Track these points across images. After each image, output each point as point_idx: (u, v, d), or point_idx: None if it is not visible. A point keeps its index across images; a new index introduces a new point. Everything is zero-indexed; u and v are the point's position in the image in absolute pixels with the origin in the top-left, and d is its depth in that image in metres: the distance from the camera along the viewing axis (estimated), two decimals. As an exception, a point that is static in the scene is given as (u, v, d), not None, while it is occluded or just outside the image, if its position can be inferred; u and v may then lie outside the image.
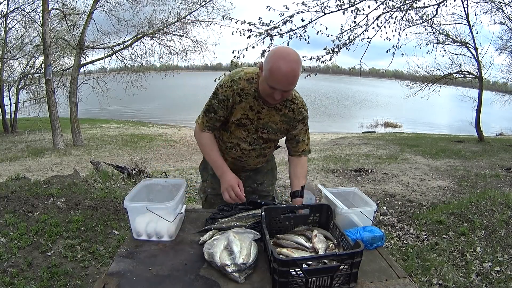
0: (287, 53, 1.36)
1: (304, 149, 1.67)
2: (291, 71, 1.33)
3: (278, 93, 1.39)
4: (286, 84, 1.36)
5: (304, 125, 1.64)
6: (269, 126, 1.58)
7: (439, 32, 9.92)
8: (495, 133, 15.56)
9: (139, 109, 20.80)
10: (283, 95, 1.40)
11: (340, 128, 16.93)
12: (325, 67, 5.64)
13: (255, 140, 1.62)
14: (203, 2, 9.84)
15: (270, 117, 1.56)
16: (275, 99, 1.42)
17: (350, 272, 1.05)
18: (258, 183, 1.80)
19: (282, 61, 1.32)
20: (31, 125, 11.00)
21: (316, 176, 5.72)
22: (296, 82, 1.39)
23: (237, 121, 1.57)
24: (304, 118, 1.61)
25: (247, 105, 1.53)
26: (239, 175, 1.73)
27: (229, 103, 1.52)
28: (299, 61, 1.37)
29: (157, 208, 1.31)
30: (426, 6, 5.77)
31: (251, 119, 1.56)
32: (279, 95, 1.39)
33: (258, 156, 1.70)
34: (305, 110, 1.61)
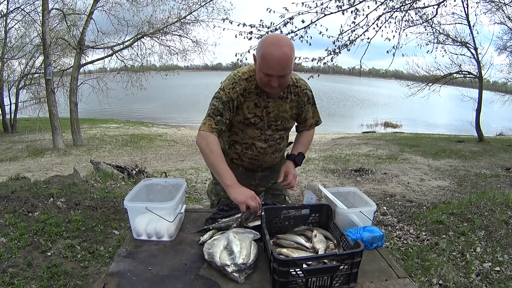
0: (278, 39, 1.39)
1: (311, 123, 1.72)
2: (284, 55, 1.33)
3: (274, 79, 1.38)
4: (280, 69, 1.36)
5: (312, 105, 1.67)
6: (280, 117, 1.58)
7: (439, 32, 9.92)
8: (495, 133, 15.56)
9: (139, 109, 20.80)
10: (279, 81, 1.40)
11: (340, 128, 16.92)
12: (326, 67, 5.64)
13: (270, 136, 1.61)
14: (203, 2, 9.85)
15: (278, 107, 1.56)
16: (273, 86, 1.41)
17: (350, 272, 1.05)
18: (272, 182, 1.78)
19: (273, 47, 1.34)
20: (31, 125, 11.00)
21: (316, 176, 5.72)
22: (291, 66, 1.38)
23: (246, 120, 1.55)
24: (309, 98, 1.63)
25: (252, 103, 1.53)
26: (255, 176, 1.74)
27: (234, 105, 1.50)
28: (291, 45, 1.38)
29: (157, 208, 1.31)
30: (426, 6, 5.77)
31: (260, 116, 1.55)
32: (276, 82, 1.39)
33: (274, 152, 1.68)
34: (309, 90, 1.63)
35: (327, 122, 19.21)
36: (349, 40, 5.16)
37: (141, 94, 11.70)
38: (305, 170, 6.13)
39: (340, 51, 5.23)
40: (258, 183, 1.74)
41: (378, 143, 9.72)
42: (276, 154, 1.70)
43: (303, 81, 1.62)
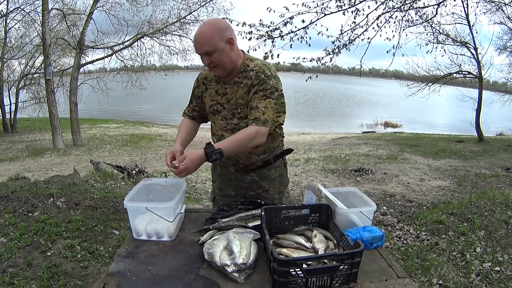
0: (205, 22, 1.50)
1: (256, 117, 1.44)
2: (202, 33, 1.42)
3: (203, 58, 1.45)
4: (198, 46, 1.43)
5: (261, 90, 1.47)
6: (239, 104, 1.53)
7: (439, 32, 9.93)
8: (495, 133, 15.56)
9: (139, 109, 20.80)
10: (209, 59, 1.44)
11: (340, 128, 16.92)
12: (325, 68, 5.64)
13: (236, 126, 1.55)
14: (203, 2, 9.85)
15: (235, 94, 1.54)
16: (205, 64, 1.48)
17: (350, 272, 1.05)
18: (263, 189, 1.70)
19: (197, 30, 1.45)
20: (31, 125, 11.00)
21: (316, 176, 5.72)
22: (211, 43, 1.41)
23: (210, 108, 1.61)
24: (260, 81, 1.47)
25: (213, 90, 1.60)
26: (244, 179, 1.71)
27: (199, 93, 1.65)
28: (215, 25, 1.44)
29: (157, 208, 1.31)
30: (426, 6, 5.78)
31: (222, 104, 1.57)
32: (205, 60, 1.45)
33: None
34: (264, 73, 1.47)
35: (327, 122, 19.26)
36: (349, 40, 5.15)
37: (141, 94, 11.70)
38: (305, 170, 6.13)
39: (340, 51, 5.23)
40: (248, 187, 1.71)
41: (378, 143, 9.72)
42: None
43: (263, 65, 1.50)
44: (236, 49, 1.49)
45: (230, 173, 1.74)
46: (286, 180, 1.80)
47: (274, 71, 1.52)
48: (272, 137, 1.62)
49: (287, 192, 1.82)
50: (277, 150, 1.71)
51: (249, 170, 1.69)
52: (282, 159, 1.74)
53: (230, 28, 1.47)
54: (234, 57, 1.48)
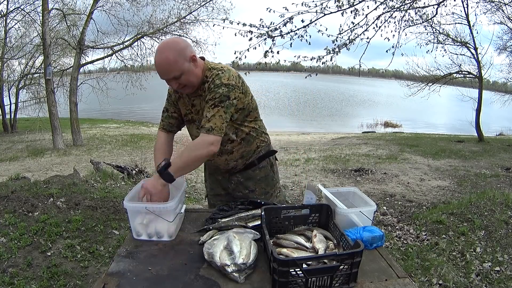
0: (163, 45, 1.42)
1: (203, 125, 1.42)
2: (164, 59, 1.37)
3: (170, 81, 1.43)
4: (164, 73, 1.40)
5: (211, 99, 1.43)
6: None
7: (439, 32, 9.93)
8: (495, 133, 15.56)
9: (139, 109, 20.81)
10: (178, 82, 1.43)
11: (340, 128, 16.93)
12: (325, 67, 5.64)
13: None
14: (203, 2, 9.85)
15: (200, 105, 1.54)
16: (173, 87, 1.47)
17: (350, 272, 1.05)
18: (249, 190, 1.70)
19: (156, 54, 1.40)
20: (31, 125, 10.99)
21: (316, 176, 5.72)
22: (176, 68, 1.38)
23: (186, 117, 1.62)
24: (210, 91, 1.43)
25: (185, 99, 1.59)
26: (231, 180, 1.72)
27: (173, 99, 1.63)
28: (174, 47, 1.39)
29: (157, 208, 1.31)
30: (426, 6, 5.77)
31: (193, 114, 1.59)
32: (174, 84, 1.44)
33: (221, 154, 1.59)
34: (214, 84, 1.43)
35: (327, 122, 19.26)
36: (349, 40, 5.16)
37: (141, 94, 11.69)
38: (305, 170, 6.13)
39: (340, 51, 5.23)
40: (234, 188, 1.72)
41: (378, 143, 9.72)
42: (225, 156, 1.61)
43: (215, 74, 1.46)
44: (199, 63, 1.48)
45: (217, 174, 1.77)
46: (273, 180, 1.77)
47: (227, 79, 1.44)
48: (246, 141, 1.63)
49: (278, 192, 1.81)
50: (259, 152, 1.69)
51: (233, 172, 1.71)
52: (268, 160, 1.74)
53: (188, 45, 1.46)
54: (199, 73, 1.48)
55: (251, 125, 1.62)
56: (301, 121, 18.47)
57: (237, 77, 1.50)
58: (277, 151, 1.81)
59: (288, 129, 15.35)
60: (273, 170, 1.78)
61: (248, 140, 1.63)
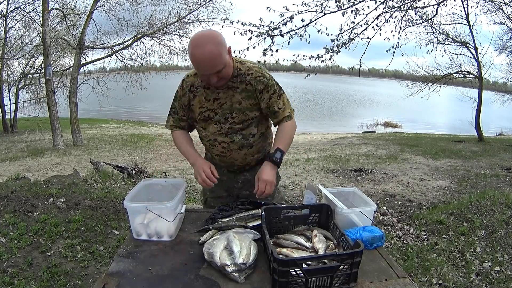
0: (201, 37, 1.35)
1: (285, 116, 1.56)
2: (209, 53, 1.31)
3: (212, 76, 1.38)
4: (210, 68, 1.35)
5: (272, 93, 1.52)
6: (235, 108, 1.52)
7: (439, 32, 9.92)
8: (495, 133, 15.57)
9: (139, 109, 20.82)
10: (217, 76, 1.39)
11: (340, 128, 16.93)
12: (325, 67, 5.64)
13: (230, 130, 1.55)
14: (203, 2, 9.85)
15: (230, 98, 1.51)
16: (213, 82, 1.40)
17: (350, 272, 1.05)
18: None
19: (197, 48, 1.32)
20: (31, 125, 10.99)
21: (316, 176, 5.72)
22: (221, 61, 1.35)
23: (201, 115, 1.57)
24: (266, 86, 1.50)
25: (202, 97, 1.54)
26: (237, 179, 1.72)
27: (185, 102, 1.58)
28: (215, 39, 1.34)
29: (157, 208, 1.31)
30: (426, 6, 5.77)
31: (213, 109, 1.54)
32: (214, 78, 1.38)
33: (241, 148, 1.60)
34: (265, 77, 1.50)
35: (327, 122, 19.27)
36: (349, 39, 5.16)
37: (141, 94, 11.70)
38: (305, 170, 6.13)
39: (340, 50, 5.23)
40: (241, 186, 1.73)
41: (378, 143, 9.72)
42: (245, 150, 1.62)
43: (258, 68, 1.52)
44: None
45: (222, 174, 1.74)
46: (278, 177, 1.80)
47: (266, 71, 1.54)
48: (264, 137, 1.66)
49: (278, 189, 1.84)
50: (268, 148, 1.72)
51: (243, 170, 1.71)
52: None
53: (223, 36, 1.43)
54: (232, 65, 1.47)
55: (269, 120, 1.67)
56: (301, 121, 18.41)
57: None
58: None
59: (288, 129, 15.28)
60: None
61: (266, 136, 1.66)
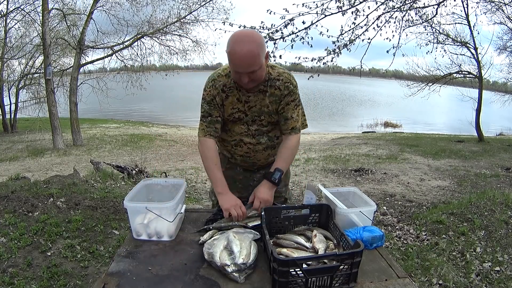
0: (242, 36, 1.37)
1: (294, 127, 1.56)
2: (248, 52, 1.32)
3: (244, 76, 1.38)
4: (246, 66, 1.35)
5: (292, 100, 1.54)
6: (263, 111, 1.54)
7: (439, 32, 9.92)
8: (495, 133, 15.56)
9: (139, 109, 20.81)
10: (250, 77, 1.38)
11: (340, 128, 16.93)
12: (326, 67, 5.64)
13: (257, 131, 1.58)
14: (203, 2, 9.85)
15: (260, 102, 1.53)
16: (243, 82, 1.40)
17: (350, 272, 1.05)
18: None
19: (237, 44, 1.33)
20: (31, 125, 11.00)
21: (316, 176, 5.72)
22: (258, 62, 1.36)
23: (230, 116, 1.57)
24: (290, 92, 1.52)
25: (234, 98, 1.54)
26: (253, 177, 1.73)
27: (218, 102, 1.53)
28: (257, 40, 1.36)
29: (157, 208, 1.31)
30: (426, 6, 5.78)
31: (243, 111, 1.55)
32: (245, 78, 1.38)
33: (266, 149, 1.64)
34: (292, 84, 1.53)
35: (327, 122, 19.26)
36: (349, 40, 5.16)
37: (141, 94, 11.70)
38: (305, 170, 6.13)
39: (341, 51, 5.23)
40: (256, 184, 1.70)
41: (378, 143, 9.72)
42: (269, 151, 1.66)
43: (287, 75, 1.54)
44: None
45: (236, 174, 1.75)
46: (289, 173, 1.89)
47: (295, 79, 1.55)
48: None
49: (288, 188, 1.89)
50: None
51: (260, 168, 1.73)
52: None
53: (264, 40, 1.43)
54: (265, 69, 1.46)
55: None
56: (301, 121, 18.42)
57: None
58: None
59: (288, 129, 15.28)
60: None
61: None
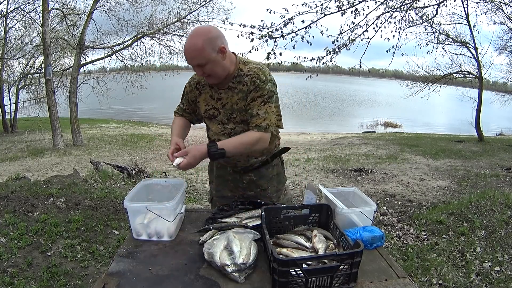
0: (194, 30, 1.43)
1: (258, 124, 1.44)
2: (192, 45, 1.36)
3: (196, 69, 1.43)
4: (190, 58, 1.40)
5: (259, 96, 1.45)
6: (234, 109, 1.52)
7: (439, 32, 9.93)
8: (495, 133, 15.57)
9: (139, 109, 20.82)
10: (202, 70, 1.41)
11: (340, 128, 16.93)
12: (325, 67, 5.65)
13: (232, 130, 1.56)
14: (203, 2, 9.84)
15: (230, 99, 1.51)
16: (199, 75, 1.47)
17: (350, 272, 1.05)
18: (261, 189, 1.71)
19: (188, 38, 1.39)
20: (31, 125, 11.00)
21: (316, 176, 5.72)
22: (203, 56, 1.37)
23: (206, 113, 1.59)
24: (256, 87, 1.45)
25: (207, 95, 1.57)
26: (243, 179, 1.71)
27: (191, 97, 1.63)
28: (205, 35, 1.37)
29: (157, 208, 1.31)
30: (426, 6, 5.78)
31: (217, 108, 1.55)
32: (199, 71, 1.43)
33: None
34: (259, 79, 1.45)
35: (327, 122, 19.27)
36: (349, 40, 5.16)
37: (141, 94, 11.69)
38: (305, 170, 6.13)
39: (340, 51, 5.23)
40: (246, 187, 1.72)
41: (378, 143, 9.72)
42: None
43: (257, 69, 1.47)
44: (228, 55, 1.46)
45: (227, 174, 1.75)
46: (284, 178, 1.80)
47: (269, 74, 1.48)
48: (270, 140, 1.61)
49: (285, 190, 1.83)
50: (274, 150, 1.71)
51: (247, 170, 1.70)
52: (279, 158, 1.76)
53: (221, 35, 1.43)
54: (227, 65, 1.46)
55: None
56: (301, 121, 18.47)
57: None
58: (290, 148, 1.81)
59: (288, 129, 15.27)
60: (283, 168, 1.82)
61: (271, 139, 1.63)
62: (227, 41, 1.45)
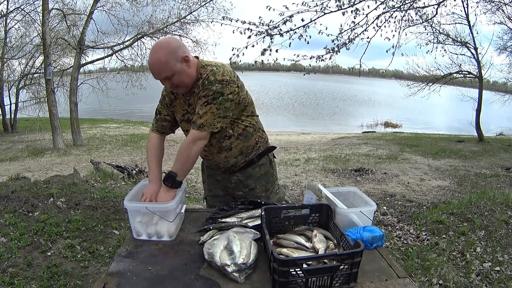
0: (155, 45, 1.45)
1: (194, 121, 1.46)
2: (155, 60, 1.39)
3: (164, 82, 1.46)
4: (157, 73, 1.42)
5: (204, 96, 1.44)
6: None
7: (439, 32, 9.93)
8: (495, 133, 15.56)
9: (139, 109, 20.81)
10: (170, 82, 1.45)
11: (340, 128, 16.93)
12: (325, 67, 5.65)
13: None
14: (203, 2, 9.85)
15: (195, 103, 1.53)
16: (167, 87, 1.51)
17: (350, 272, 1.05)
18: (249, 188, 1.71)
19: (150, 54, 1.42)
20: (31, 125, 11.00)
21: (316, 176, 5.72)
22: (168, 69, 1.40)
23: (184, 117, 1.61)
24: (204, 88, 1.44)
25: (181, 100, 1.60)
26: (231, 179, 1.72)
27: (167, 101, 1.64)
28: (166, 48, 1.40)
29: (157, 208, 1.31)
30: (426, 6, 5.77)
31: (191, 113, 1.57)
32: (167, 83, 1.46)
33: (220, 151, 1.61)
34: (208, 80, 1.43)
35: (327, 121, 19.27)
36: (349, 39, 5.15)
37: (141, 94, 11.69)
38: (305, 170, 6.13)
39: (339, 50, 5.23)
40: (235, 187, 1.73)
41: (378, 143, 9.71)
42: (224, 154, 1.62)
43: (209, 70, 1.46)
44: (192, 62, 1.48)
45: (217, 174, 1.77)
46: (273, 177, 1.79)
47: (222, 75, 1.43)
48: (244, 137, 1.62)
49: (277, 189, 1.82)
50: (258, 149, 1.69)
51: (233, 170, 1.70)
52: (267, 157, 1.74)
53: (181, 45, 1.46)
54: (192, 72, 1.48)
55: (248, 120, 1.62)
56: (301, 121, 18.50)
57: (231, 72, 1.51)
58: (276, 147, 1.81)
59: (288, 129, 15.37)
60: (272, 167, 1.79)
61: (246, 136, 1.62)
62: (188, 49, 1.49)
